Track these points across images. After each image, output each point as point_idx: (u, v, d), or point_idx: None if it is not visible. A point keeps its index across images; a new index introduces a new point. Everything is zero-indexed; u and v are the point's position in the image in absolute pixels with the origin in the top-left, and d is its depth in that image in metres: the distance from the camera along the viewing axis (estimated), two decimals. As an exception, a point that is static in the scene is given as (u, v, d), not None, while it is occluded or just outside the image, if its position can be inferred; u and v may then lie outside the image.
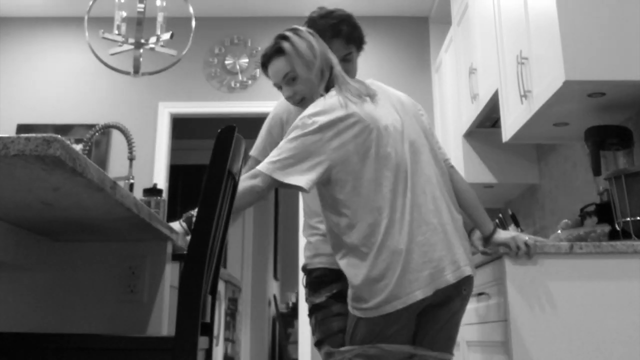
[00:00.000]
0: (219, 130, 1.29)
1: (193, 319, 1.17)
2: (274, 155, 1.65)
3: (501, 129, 2.82)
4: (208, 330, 1.52)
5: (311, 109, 1.69)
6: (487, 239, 1.84)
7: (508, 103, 2.74)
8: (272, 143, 1.92)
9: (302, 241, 4.12)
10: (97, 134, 2.62)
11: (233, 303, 3.84)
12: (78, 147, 4.05)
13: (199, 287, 1.19)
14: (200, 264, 1.20)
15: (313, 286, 1.86)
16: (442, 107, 4.22)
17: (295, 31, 1.79)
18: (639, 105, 2.29)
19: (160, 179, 4.30)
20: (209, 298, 1.48)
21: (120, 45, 3.31)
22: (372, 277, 1.57)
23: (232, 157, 1.31)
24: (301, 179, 1.61)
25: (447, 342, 1.68)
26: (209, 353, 1.53)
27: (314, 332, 1.83)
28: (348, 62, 1.91)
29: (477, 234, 1.89)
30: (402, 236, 1.57)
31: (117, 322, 1.63)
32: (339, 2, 4.33)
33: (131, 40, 3.28)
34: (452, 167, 1.86)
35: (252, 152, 1.99)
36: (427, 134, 1.79)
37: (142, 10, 3.29)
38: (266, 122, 2.03)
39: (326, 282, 1.80)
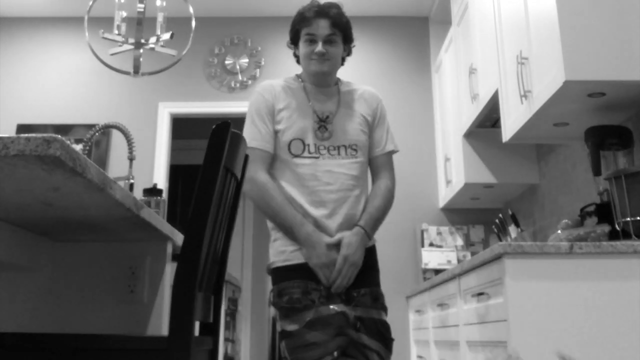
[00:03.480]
0: (213, 126, 1.29)
1: (187, 318, 1.17)
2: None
3: (501, 129, 2.82)
4: (212, 330, 1.51)
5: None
6: None
7: (508, 103, 2.74)
8: (271, 129, 1.93)
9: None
10: (97, 134, 2.62)
11: (233, 303, 3.84)
12: (78, 147, 4.05)
13: (192, 286, 1.18)
14: (194, 263, 1.20)
15: (284, 311, 1.80)
16: (442, 107, 4.22)
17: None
18: (639, 105, 2.29)
19: (160, 179, 4.30)
20: (212, 298, 1.48)
21: (120, 45, 3.31)
22: None
23: (228, 154, 1.30)
24: None
25: None
26: (213, 353, 1.52)
27: (282, 357, 1.78)
28: (331, 44, 1.97)
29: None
30: None
31: (117, 322, 1.63)
32: (340, 2, 4.33)
33: (131, 40, 3.28)
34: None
35: (253, 144, 1.89)
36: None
37: (142, 10, 3.29)
38: (258, 110, 1.96)
39: (298, 309, 1.75)
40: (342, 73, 2.07)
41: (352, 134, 1.97)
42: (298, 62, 2.08)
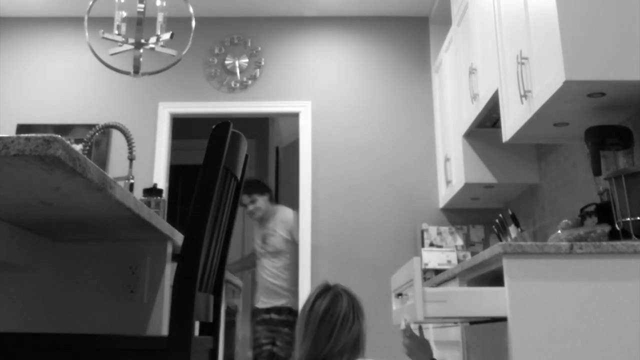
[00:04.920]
0: (213, 126, 1.29)
1: (187, 318, 1.17)
2: None
3: (501, 129, 2.82)
4: (212, 330, 1.51)
5: None
6: None
7: (508, 103, 2.74)
8: None
9: (302, 240, 4.13)
10: (97, 134, 2.62)
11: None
12: (78, 147, 4.05)
13: (192, 286, 1.18)
14: (194, 263, 1.20)
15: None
16: (442, 107, 4.22)
17: None
18: (639, 105, 2.29)
19: (160, 179, 4.30)
20: (212, 298, 1.48)
21: (120, 45, 3.31)
22: None
23: (228, 154, 1.30)
24: None
25: None
26: (213, 353, 1.52)
27: None
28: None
29: None
30: None
31: (117, 322, 1.63)
32: (339, 2, 4.35)
33: (131, 40, 3.28)
34: None
35: None
36: None
37: (142, 10, 3.29)
38: None
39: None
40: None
41: None
42: None
